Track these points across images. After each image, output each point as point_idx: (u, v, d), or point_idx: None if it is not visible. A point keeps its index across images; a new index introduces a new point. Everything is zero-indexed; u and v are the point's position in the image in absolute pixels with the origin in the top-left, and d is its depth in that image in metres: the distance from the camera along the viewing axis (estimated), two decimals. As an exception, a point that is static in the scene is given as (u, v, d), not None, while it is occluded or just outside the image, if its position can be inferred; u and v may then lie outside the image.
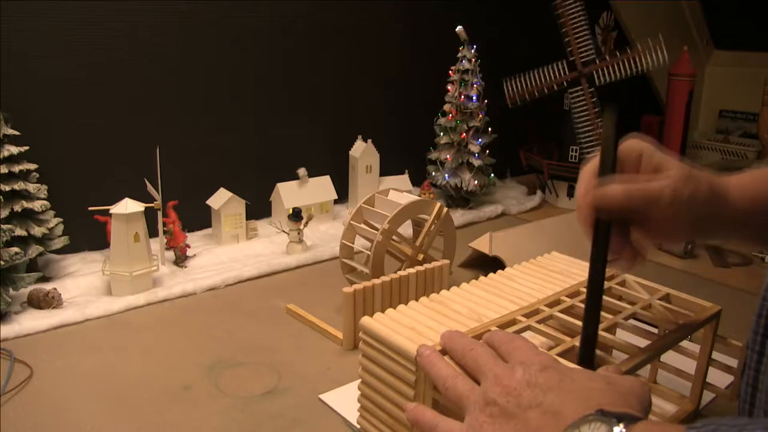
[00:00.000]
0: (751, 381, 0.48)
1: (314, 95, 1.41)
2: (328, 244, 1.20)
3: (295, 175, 1.32)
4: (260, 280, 1.07)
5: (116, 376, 0.77)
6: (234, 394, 0.73)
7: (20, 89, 1.03)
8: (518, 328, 0.57)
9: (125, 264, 0.96)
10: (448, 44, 1.40)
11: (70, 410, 0.69)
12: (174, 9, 1.16)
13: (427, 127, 1.46)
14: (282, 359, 0.81)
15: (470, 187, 1.42)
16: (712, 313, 0.63)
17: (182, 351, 0.83)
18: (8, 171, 0.96)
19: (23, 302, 0.92)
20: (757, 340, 0.47)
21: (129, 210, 0.96)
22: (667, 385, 0.70)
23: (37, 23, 1.03)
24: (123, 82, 1.14)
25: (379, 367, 0.56)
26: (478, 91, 1.40)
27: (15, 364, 0.78)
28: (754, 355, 0.47)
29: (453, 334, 0.51)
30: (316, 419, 0.68)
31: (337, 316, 0.87)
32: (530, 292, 0.65)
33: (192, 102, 1.23)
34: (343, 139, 1.43)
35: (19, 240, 0.98)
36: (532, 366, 0.42)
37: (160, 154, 1.07)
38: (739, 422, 0.31)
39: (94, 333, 0.88)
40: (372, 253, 0.91)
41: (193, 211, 1.20)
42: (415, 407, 0.48)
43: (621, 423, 0.35)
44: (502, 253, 1.06)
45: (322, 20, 1.36)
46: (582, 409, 0.37)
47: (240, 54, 1.27)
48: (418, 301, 0.62)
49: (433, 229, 0.97)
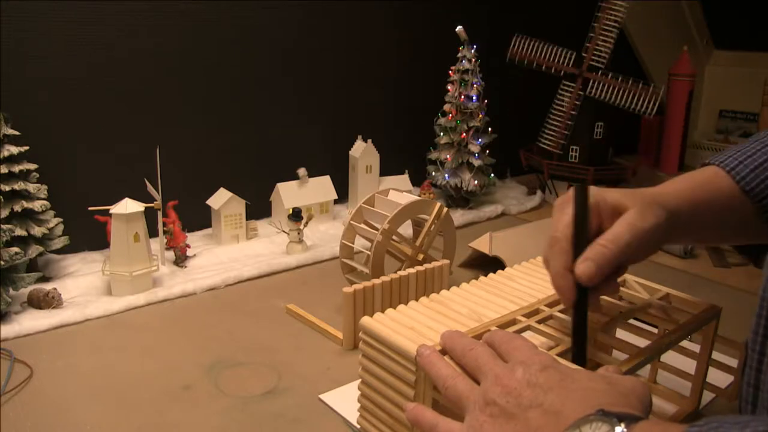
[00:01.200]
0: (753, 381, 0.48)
1: (314, 95, 1.40)
2: (328, 244, 1.20)
3: (295, 175, 1.32)
4: (260, 280, 1.07)
5: (116, 376, 0.77)
6: (234, 394, 0.73)
7: (20, 89, 1.03)
8: (518, 328, 0.57)
9: (125, 264, 0.96)
10: (448, 44, 1.40)
11: (70, 410, 0.69)
12: (174, 9, 1.16)
13: (427, 127, 1.46)
14: (282, 359, 0.81)
15: (470, 187, 1.42)
16: (712, 313, 0.63)
17: (182, 351, 0.83)
18: (8, 171, 0.96)
19: (23, 302, 0.92)
20: (757, 341, 0.47)
21: (129, 210, 0.96)
22: (667, 385, 0.70)
23: (37, 23, 1.03)
24: (123, 82, 1.14)
25: (379, 367, 0.56)
26: (478, 91, 1.39)
27: (15, 364, 0.78)
28: (755, 356, 0.47)
29: (453, 334, 0.51)
30: (316, 419, 0.68)
31: (337, 316, 0.87)
32: (530, 292, 0.65)
33: (192, 102, 1.23)
34: (343, 139, 1.43)
35: (19, 240, 0.98)
36: (532, 366, 0.42)
37: (160, 154, 1.07)
38: (742, 419, 0.31)
39: (94, 333, 0.88)
40: (372, 253, 0.91)
41: (193, 211, 1.20)
42: (415, 407, 0.48)
43: (622, 423, 0.35)
44: (502, 253, 1.06)
45: (322, 20, 1.36)
46: (583, 409, 0.37)
47: (240, 54, 1.27)
48: (418, 301, 0.62)
49: (433, 229, 0.97)
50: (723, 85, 2.16)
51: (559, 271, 0.52)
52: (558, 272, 0.52)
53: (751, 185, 0.56)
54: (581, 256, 0.51)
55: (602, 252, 0.50)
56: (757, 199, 0.56)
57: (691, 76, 1.78)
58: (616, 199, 0.53)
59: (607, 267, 0.50)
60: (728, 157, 0.59)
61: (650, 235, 0.51)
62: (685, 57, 1.78)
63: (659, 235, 0.52)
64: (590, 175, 1.46)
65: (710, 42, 2.17)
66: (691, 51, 1.86)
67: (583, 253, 0.51)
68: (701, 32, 2.13)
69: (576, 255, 0.51)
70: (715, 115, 2.20)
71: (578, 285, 0.51)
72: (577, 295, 0.52)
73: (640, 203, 0.52)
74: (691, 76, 1.78)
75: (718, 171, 0.58)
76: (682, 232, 0.56)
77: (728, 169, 0.57)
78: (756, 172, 0.57)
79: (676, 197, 0.56)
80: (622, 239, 0.50)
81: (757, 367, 0.47)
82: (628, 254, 0.51)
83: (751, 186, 0.56)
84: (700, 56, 2.14)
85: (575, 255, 0.51)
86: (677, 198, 0.55)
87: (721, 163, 0.58)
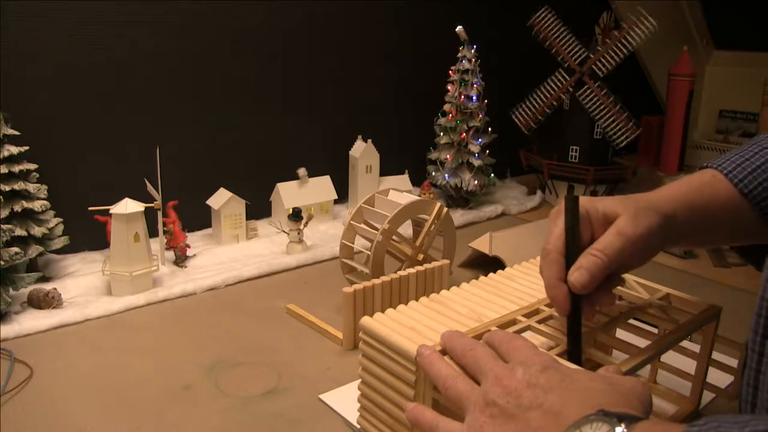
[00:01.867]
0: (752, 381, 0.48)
1: (314, 95, 1.40)
2: (328, 244, 1.20)
3: (295, 175, 1.32)
4: (260, 280, 1.07)
5: (116, 376, 0.77)
6: (234, 394, 0.73)
7: (20, 89, 1.03)
8: (518, 328, 0.57)
9: (125, 264, 0.96)
10: (448, 44, 1.40)
11: (70, 410, 0.69)
12: (174, 9, 1.16)
13: (427, 127, 1.46)
14: (282, 359, 0.81)
15: (470, 187, 1.42)
16: (712, 313, 0.63)
17: (182, 351, 0.83)
18: (8, 171, 0.96)
19: (23, 302, 0.92)
20: (756, 341, 0.47)
21: (129, 210, 0.95)
22: (667, 385, 0.70)
23: (37, 23, 1.03)
24: (123, 82, 1.14)
25: (379, 367, 0.56)
26: (478, 91, 1.39)
27: (15, 364, 0.78)
28: (755, 356, 0.47)
29: (453, 334, 0.51)
30: (316, 419, 0.68)
31: (337, 316, 0.87)
32: (530, 292, 0.65)
33: (192, 102, 1.23)
34: (343, 139, 1.43)
35: (19, 240, 0.98)
36: (532, 366, 0.42)
37: (160, 154, 1.07)
38: (741, 419, 0.31)
39: (94, 333, 0.88)
40: (372, 253, 0.91)
41: (193, 211, 1.20)
42: (415, 407, 0.49)
43: (622, 423, 0.35)
44: (502, 253, 1.06)
45: (322, 20, 1.36)
46: (583, 410, 0.37)
47: (240, 54, 1.27)
48: (418, 301, 0.62)
49: (433, 229, 0.97)
50: (723, 85, 2.16)
51: (551, 281, 0.53)
52: (550, 283, 0.53)
53: (749, 188, 0.56)
54: (573, 266, 0.51)
55: (593, 260, 0.51)
56: (755, 202, 0.57)
57: (691, 76, 1.78)
58: (607, 206, 0.54)
59: (599, 274, 0.51)
60: (725, 160, 0.59)
61: (643, 241, 0.52)
62: (685, 57, 1.78)
63: (653, 240, 0.53)
64: (590, 175, 1.46)
65: (710, 42, 2.17)
66: (691, 51, 1.86)
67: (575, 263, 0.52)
68: (701, 32, 2.13)
69: (568, 265, 0.52)
70: (715, 115, 2.20)
71: (572, 294, 0.52)
72: (571, 305, 0.53)
73: (632, 210, 0.53)
74: (691, 76, 1.78)
75: (715, 174, 0.58)
76: (679, 236, 0.57)
77: (726, 173, 0.58)
78: (754, 174, 0.57)
79: (672, 201, 0.56)
80: (613, 247, 0.51)
81: (757, 367, 0.47)
82: (620, 261, 0.51)
83: (749, 188, 0.56)
84: (700, 56, 2.14)
85: (567, 265, 0.52)
86: (673, 201, 0.56)
87: (719, 167, 0.58)
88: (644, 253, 0.53)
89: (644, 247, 0.52)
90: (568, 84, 1.46)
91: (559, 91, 1.46)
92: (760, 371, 0.47)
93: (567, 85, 1.46)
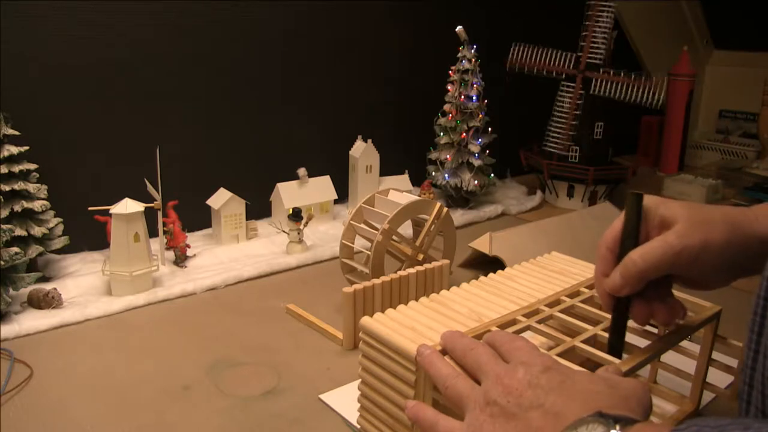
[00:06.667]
0: (747, 379, 0.48)
1: (314, 95, 1.40)
2: (328, 244, 1.20)
3: (295, 175, 1.32)
4: (260, 280, 1.07)
5: (116, 376, 0.77)
6: (234, 394, 0.73)
7: (20, 89, 1.03)
8: (518, 328, 0.57)
9: (125, 264, 0.96)
10: (448, 44, 1.40)
11: (70, 410, 0.69)
12: (174, 9, 1.16)
13: (427, 127, 1.46)
14: (282, 359, 0.81)
15: (470, 187, 1.42)
16: (712, 313, 0.63)
17: (182, 351, 0.83)
18: (8, 171, 0.96)
19: (23, 302, 0.92)
20: (752, 338, 0.47)
21: (129, 210, 0.96)
22: (667, 385, 0.70)
23: (37, 23, 1.03)
24: (123, 82, 1.14)
25: (379, 367, 0.56)
26: (478, 91, 1.39)
27: (15, 364, 0.78)
28: (750, 353, 0.47)
29: (453, 334, 0.51)
30: (316, 419, 0.68)
31: (337, 316, 0.87)
32: (530, 292, 0.65)
33: (192, 102, 1.23)
34: (343, 139, 1.43)
35: (19, 240, 0.98)
36: (534, 367, 0.42)
37: (160, 154, 1.07)
38: (720, 422, 0.31)
39: (94, 333, 0.88)
40: (372, 253, 0.91)
41: (193, 211, 1.20)
42: (415, 405, 0.49)
43: (617, 425, 0.35)
44: (502, 253, 1.06)
45: (322, 20, 1.36)
46: (583, 411, 0.37)
47: (240, 54, 1.27)
48: (418, 301, 0.62)
49: (433, 229, 0.97)
50: (723, 85, 2.16)
51: (597, 276, 0.53)
52: (597, 277, 0.53)
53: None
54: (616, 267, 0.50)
55: (628, 266, 0.49)
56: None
57: (691, 76, 1.78)
58: (669, 211, 0.50)
59: (633, 282, 0.49)
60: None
61: (694, 254, 0.47)
62: (685, 57, 1.78)
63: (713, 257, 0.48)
64: (590, 175, 1.46)
65: (710, 42, 2.18)
66: (691, 51, 1.86)
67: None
68: (701, 32, 2.13)
69: (620, 256, 0.51)
70: (715, 115, 2.20)
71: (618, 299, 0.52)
72: (614, 302, 0.52)
73: (692, 220, 0.48)
74: (691, 76, 1.78)
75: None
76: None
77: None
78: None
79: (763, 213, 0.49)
80: (653, 255, 0.48)
81: (752, 365, 0.47)
82: (662, 271, 0.48)
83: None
84: (700, 56, 2.14)
85: (617, 262, 0.51)
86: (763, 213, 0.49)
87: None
88: (705, 268, 0.49)
89: (702, 261, 0.48)
90: (564, 69, 1.47)
91: (573, 99, 1.46)
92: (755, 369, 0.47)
93: (563, 70, 1.46)
